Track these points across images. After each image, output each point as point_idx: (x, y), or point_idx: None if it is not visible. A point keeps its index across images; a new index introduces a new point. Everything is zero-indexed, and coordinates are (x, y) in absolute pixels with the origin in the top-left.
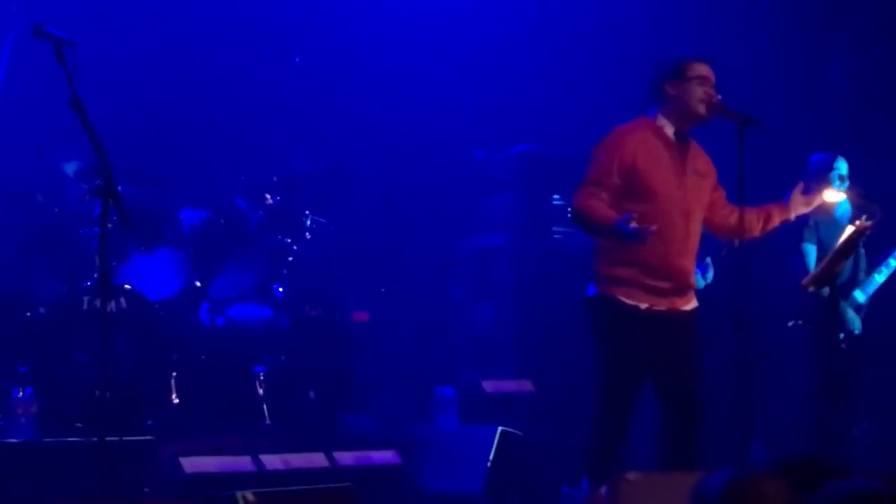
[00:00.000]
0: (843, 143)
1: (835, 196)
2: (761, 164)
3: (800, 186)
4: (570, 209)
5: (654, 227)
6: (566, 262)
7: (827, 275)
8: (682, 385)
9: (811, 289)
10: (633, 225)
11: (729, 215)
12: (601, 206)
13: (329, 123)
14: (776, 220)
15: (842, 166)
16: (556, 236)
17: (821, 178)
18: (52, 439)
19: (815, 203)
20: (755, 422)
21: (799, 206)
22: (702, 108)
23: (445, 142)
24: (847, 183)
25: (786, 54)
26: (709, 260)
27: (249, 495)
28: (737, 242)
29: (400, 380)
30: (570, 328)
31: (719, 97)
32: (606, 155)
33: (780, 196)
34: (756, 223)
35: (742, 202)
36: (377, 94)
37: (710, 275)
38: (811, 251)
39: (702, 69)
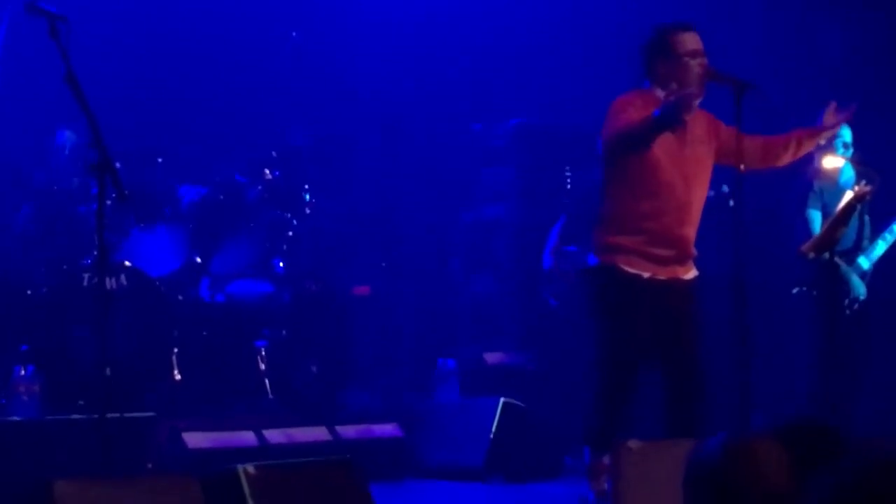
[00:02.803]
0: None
1: (838, 162)
2: (760, 130)
3: (832, 106)
4: (612, 138)
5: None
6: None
7: (826, 240)
8: (683, 354)
9: (811, 255)
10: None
11: (753, 146)
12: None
13: (327, 98)
14: (807, 145)
15: (845, 133)
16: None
17: (824, 145)
18: (54, 417)
19: (844, 118)
20: (755, 390)
21: (832, 125)
22: (696, 81)
23: (443, 115)
24: (851, 150)
25: (784, 21)
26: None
27: (251, 468)
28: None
29: (401, 353)
30: (570, 299)
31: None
32: (630, 105)
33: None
34: (783, 151)
35: (740, 165)
36: (375, 67)
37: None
38: (816, 218)
39: (689, 41)
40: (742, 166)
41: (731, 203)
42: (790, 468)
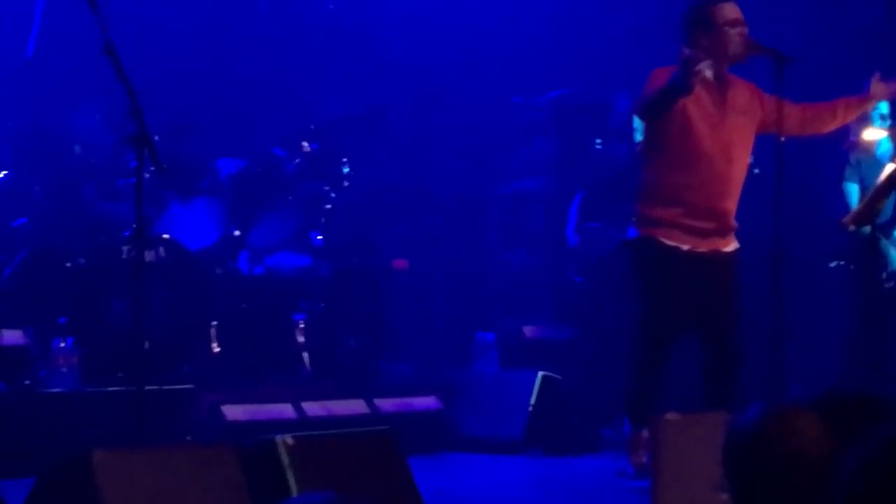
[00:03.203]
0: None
1: (879, 134)
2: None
3: (877, 76)
4: (642, 105)
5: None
6: None
7: (867, 213)
8: (721, 326)
9: (851, 227)
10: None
11: (795, 112)
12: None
13: (365, 69)
14: (854, 110)
15: (882, 105)
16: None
17: (861, 117)
18: (92, 389)
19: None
20: (792, 363)
21: (880, 94)
22: (737, 50)
23: (481, 88)
24: (889, 121)
25: None
26: None
27: (289, 439)
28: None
29: (439, 326)
30: (608, 272)
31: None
32: (664, 77)
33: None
34: (830, 118)
35: (781, 137)
36: (413, 39)
37: None
38: (853, 190)
39: (728, 11)
40: (783, 137)
41: (756, 171)
42: (829, 438)
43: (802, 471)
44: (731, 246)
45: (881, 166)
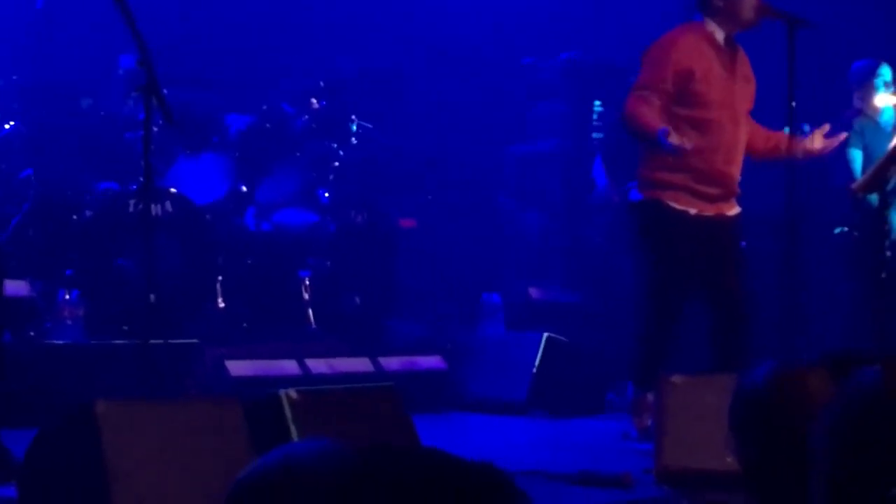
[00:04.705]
0: (889, 48)
1: (882, 101)
2: (808, 68)
3: (824, 129)
4: (623, 115)
5: (689, 146)
6: None
7: (877, 180)
8: (728, 289)
9: (860, 194)
10: (673, 140)
11: (756, 131)
12: (649, 113)
13: (376, 28)
14: (781, 151)
15: (885, 72)
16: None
17: (864, 84)
18: (97, 341)
19: (816, 151)
20: (799, 329)
21: (802, 151)
22: (751, 14)
23: (493, 48)
24: (893, 87)
25: None
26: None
27: (293, 393)
28: None
29: (446, 286)
30: (616, 235)
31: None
32: (661, 59)
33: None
34: (761, 144)
35: (791, 104)
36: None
37: None
38: (857, 156)
39: None
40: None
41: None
42: None
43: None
44: (735, 210)
45: (884, 133)
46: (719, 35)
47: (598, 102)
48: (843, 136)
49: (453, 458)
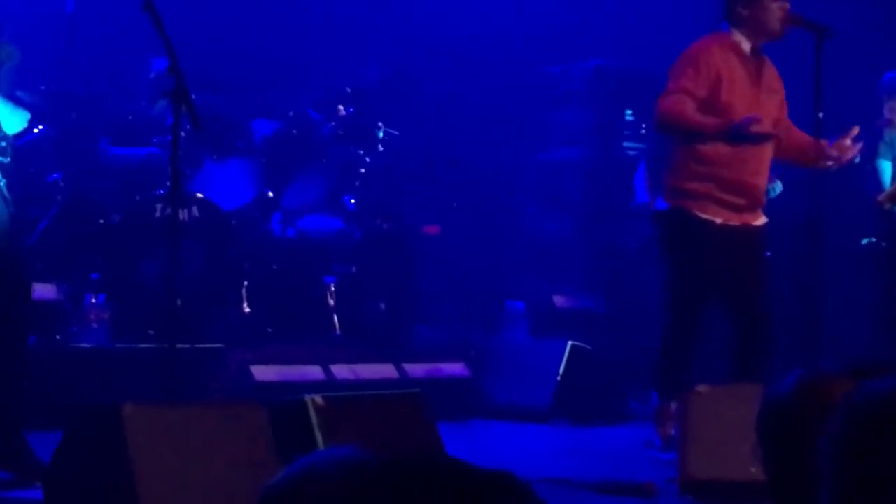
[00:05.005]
0: None
1: None
2: (837, 78)
3: (853, 132)
4: (656, 116)
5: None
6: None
7: None
8: (751, 299)
9: (887, 206)
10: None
11: (785, 135)
12: (694, 111)
13: (402, 35)
14: (809, 158)
15: None
16: (629, 152)
17: (895, 96)
18: (123, 345)
19: (844, 157)
20: (824, 339)
21: (827, 158)
22: (777, 25)
23: (518, 55)
24: None
25: None
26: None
27: (319, 399)
28: None
29: (470, 293)
30: (640, 243)
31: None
32: (693, 67)
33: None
34: (793, 150)
35: (818, 112)
36: (450, 4)
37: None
38: (886, 167)
39: None
40: (820, 114)
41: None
42: None
43: None
44: (761, 220)
45: None
46: (746, 45)
47: (629, 112)
48: (861, 145)
49: (476, 469)
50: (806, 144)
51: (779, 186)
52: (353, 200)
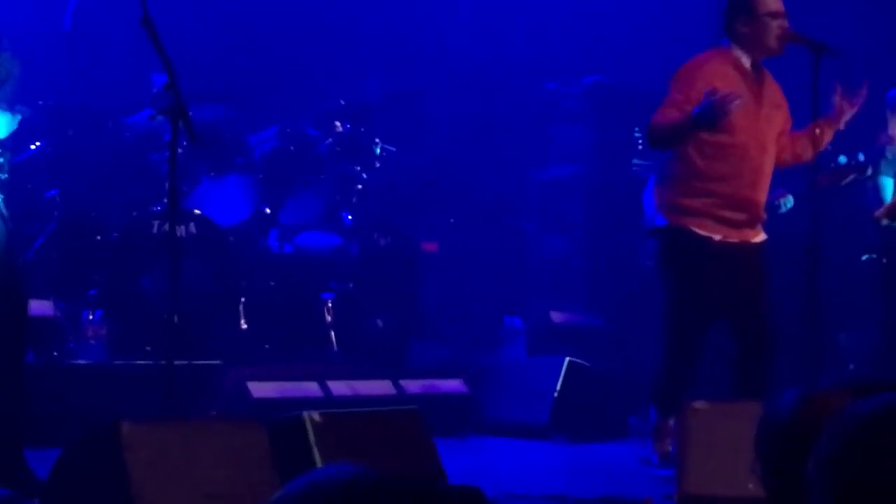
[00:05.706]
0: None
1: None
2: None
3: (838, 90)
4: (647, 131)
5: (738, 101)
6: (637, 194)
7: None
8: (753, 316)
9: (885, 221)
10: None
11: (786, 145)
12: (677, 116)
13: (400, 52)
14: (827, 134)
15: None
16: (634, 168)
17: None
18: (120, 362)
19: (857, 103)
20: (824, 356)
21: (845, 111)
22: (776, 44)
23: (516, 72)
24: None
25: None
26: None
27: (316, 416)
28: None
29: (468, 310)
30: (639, 260)
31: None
32: (687, 83)
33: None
34: (807, 146)
35: (815, 129)
36: (448, 22)
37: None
38: (888, 184)
39: (772, 3)
40: (818, 130)
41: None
42: None
43: None
44: (760, 237)
45: None
46: (745, 61)
47: (637, 129)
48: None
49: (443, 486)
50: (803, 136)
51: (790, 201)
52: (350, 216)
